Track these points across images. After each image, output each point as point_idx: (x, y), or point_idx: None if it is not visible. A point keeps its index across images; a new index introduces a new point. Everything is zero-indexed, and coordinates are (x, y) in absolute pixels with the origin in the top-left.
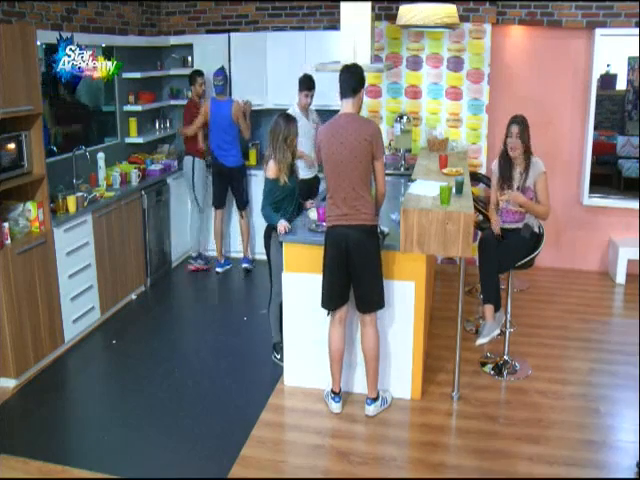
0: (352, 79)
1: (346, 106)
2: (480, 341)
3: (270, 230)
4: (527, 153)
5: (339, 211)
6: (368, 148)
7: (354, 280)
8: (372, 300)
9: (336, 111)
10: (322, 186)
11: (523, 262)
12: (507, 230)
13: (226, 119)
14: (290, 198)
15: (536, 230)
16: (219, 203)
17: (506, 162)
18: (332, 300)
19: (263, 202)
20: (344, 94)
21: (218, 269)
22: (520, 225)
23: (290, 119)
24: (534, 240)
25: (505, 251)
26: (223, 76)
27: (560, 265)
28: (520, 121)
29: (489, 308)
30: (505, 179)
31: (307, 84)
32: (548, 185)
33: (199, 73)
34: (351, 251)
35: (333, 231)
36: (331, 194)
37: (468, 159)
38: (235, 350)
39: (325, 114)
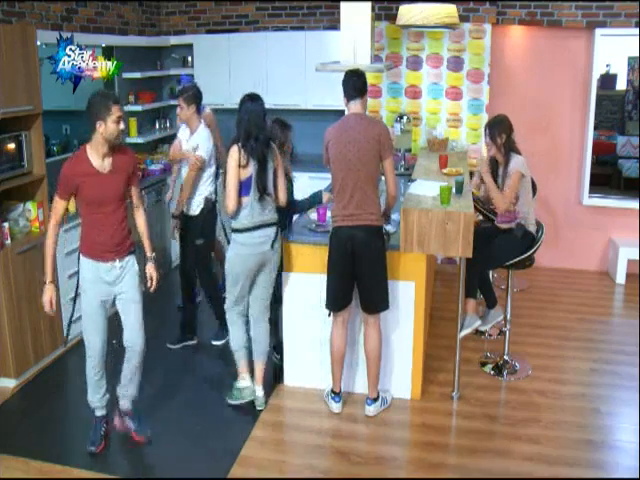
0: (359, 81)
1: (355, 107)
2: (463, 333)
3: None
4: (506, 152)
5: (345, 211)
6: (376, 147)
7: (359, 281)
8: (377, 301)
9: (337, 111)
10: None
11: (514, 262)
12: (501, 230)
13: None
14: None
15: (531, 230)
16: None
17: (494, 162)
18: (337, 302)
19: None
20: (353, 96)
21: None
22: (513, 225)
23: (286, 125)
24: (528, 240)
25: (494, 249)
26: None
27: (560, 265)
28: (492, 123)
29: (468, 302)
30: (494, 179)
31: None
32: (519, 186)
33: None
34: (357, 252)
35: (338, 232)
36: (337, 194)
37: (468, 159)
38: None
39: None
